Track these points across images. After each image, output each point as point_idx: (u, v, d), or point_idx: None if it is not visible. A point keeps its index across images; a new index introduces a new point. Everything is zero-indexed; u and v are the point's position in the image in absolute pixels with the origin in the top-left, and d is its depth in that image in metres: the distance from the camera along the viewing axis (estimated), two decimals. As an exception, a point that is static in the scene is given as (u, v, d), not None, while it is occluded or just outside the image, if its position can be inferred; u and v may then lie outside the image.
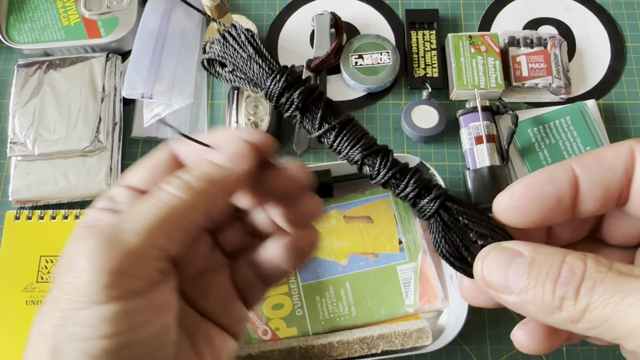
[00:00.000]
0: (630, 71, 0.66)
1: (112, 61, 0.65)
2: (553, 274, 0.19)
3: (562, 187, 0.22)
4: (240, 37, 0.24)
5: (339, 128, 0.24)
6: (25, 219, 0.59)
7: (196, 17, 0.67)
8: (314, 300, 0.54)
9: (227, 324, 0.27)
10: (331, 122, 0.24)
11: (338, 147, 0.25)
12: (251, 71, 0.24)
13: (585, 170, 0.22)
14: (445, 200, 0.24)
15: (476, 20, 0.69)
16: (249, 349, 0.50)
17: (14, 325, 0.55)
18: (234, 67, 0.24)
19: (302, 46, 0.68)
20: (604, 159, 0.22)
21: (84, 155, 0.61)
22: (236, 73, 0.25)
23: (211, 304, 0.27)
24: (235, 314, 0.27)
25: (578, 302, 0.18)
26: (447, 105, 0.64)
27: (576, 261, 0.19)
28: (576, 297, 0.18)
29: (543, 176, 0.22)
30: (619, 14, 0.68)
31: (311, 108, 0.24)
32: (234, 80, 0.25)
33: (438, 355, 0.54)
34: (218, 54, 0.25)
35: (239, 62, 0.24)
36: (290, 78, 0.23)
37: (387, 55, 0.64)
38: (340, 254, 0.56)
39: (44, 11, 0.67)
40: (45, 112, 0.62)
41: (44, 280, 0.57)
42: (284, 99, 0.24)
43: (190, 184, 0.23)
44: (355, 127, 0.24)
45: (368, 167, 0.25)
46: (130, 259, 0.22)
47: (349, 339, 0.49)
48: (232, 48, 0.24)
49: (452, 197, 0.24)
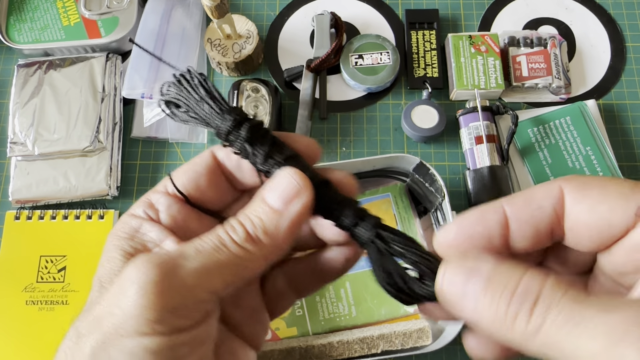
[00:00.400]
0: (630, 71, 0.66)
1: (112, 61, 0.65)
2: (509, 290, 0.19)
3: (492, 227, 0.22)
4: (193, 80, 0.26)
5: (284, 164, 0.25)
6: (25, 219, 0.59)
7: (196, 17, 0.67)
8: (314, 300, 0.54)
9: (251, 335, 0.27)
10: (276, 159, 0.24)
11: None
12: (203, 111, 0.25)
13: (515, 210, 0.22)
14: (380, 229, 0.24)
15: (476, 20, 0.69)
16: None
17: (14, 325, 0.55)
18: (188, 107, 0.26)
19: (302, 46, 0.68)
20: (534, 200, 0.22)
21: (84, 155, 0.61)
22: (190, 113, 0.26)
23: (241, 315, 0.27)
24: (260, 325, 0.27)
25: (531, 322, 0.18)
26: (447, 105, 0.64)
27: (534, 279, 0.19)
28: (530, 316, 0.18)
29: (474, 216, 0.23)
30: (619, 14, 0.68)
31: (257, 145, 0.25)
32: (187, 119, 0.26)
33: (438, 355, 0.54)
34: (173, 96, 0.26)
35: (191, 103, 0.25)
36: (238, 117, 0.25)
37: (387, 55, 0.64)
38: (340, 254, 0.56)
39: (44, 11, 0.67)
40: (45, 112, 0.62)
41: (44, 280, 0.57)
42: (233, 136, 0.25)
43: (251, 238, 0.23)
44: (301, 164, 0.25)
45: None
46: (183, 299, 0.21)
47: (349, 339, 0.49)
48: (185, 90, 0.26)
49: (386, 226, 0.25)
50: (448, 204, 0.52)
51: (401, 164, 0.56)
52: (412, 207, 0.58)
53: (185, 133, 0.63)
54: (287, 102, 0.65)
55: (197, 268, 0.22)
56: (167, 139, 0.63)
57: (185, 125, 0.63)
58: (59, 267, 0.58)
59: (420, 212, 0.58)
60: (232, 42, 0.63)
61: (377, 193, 0.58)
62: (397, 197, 0.58)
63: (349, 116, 0.64)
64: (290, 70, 0.65)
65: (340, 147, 0.63)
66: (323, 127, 0.64)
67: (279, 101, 0.62)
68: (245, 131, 0.24)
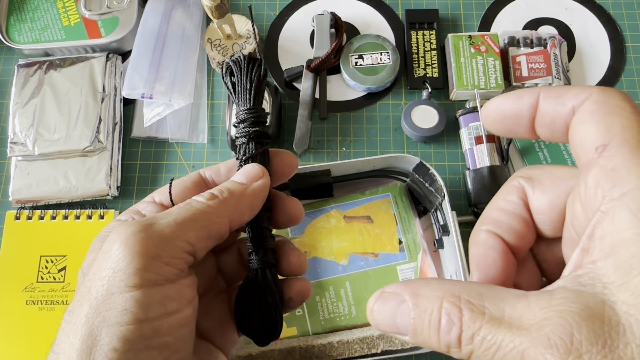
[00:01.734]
0: (630, 71, 0.66)
1: (112, 61, 0.65)
2: (434, 324, 0.20)
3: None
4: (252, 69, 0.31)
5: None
6: (26, 219, 0.60)
7: (196, 17, 0.67)
8: (314, 300, 0.54)
9: (220, 345, 0.29)
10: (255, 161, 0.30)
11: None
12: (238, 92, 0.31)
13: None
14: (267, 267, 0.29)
15: (476, 20, 0.69)
16: (249, 349, 0.50)
17: (14, 325, 0.55)
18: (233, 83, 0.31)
19: (302, 46, 0.68)
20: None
21: (84, 155, 0.61)
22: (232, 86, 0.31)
23: (210, 323, 0.29)
24: (228, 337, 0.30)
25: (462, 350, 0.19)
26: (447, 105, 0.64)
27: (452, 309, 0.19)
28: (459, 346, 0.19)
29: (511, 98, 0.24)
30: (619, 14, 0.68)
31: (251, 144, 0.30)
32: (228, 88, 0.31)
33: (438, 355, 0.54)
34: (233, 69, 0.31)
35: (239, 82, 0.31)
36: (254, 119, 0.30)
37: (387, 55, 0.64)
38: (340, 254, 0.56)
39: (44, 11, 0.67)
40: (46, 112, 0.62)
41: (44, 280, 0.57)
42: (242, 126, 0.30)
43: (215, 195, 0.27)
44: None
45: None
46: (163, 245, 0.24)
47: (349, 339, 0.49)
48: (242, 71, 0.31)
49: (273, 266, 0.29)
50: (448, 204, 0.52)
51: (401, 164, 0.56)
52: (412, 207, 0.58)
53: (185, 133, 0.63)
54: (287, 102, 0.65)
55: (170, 222, 0.25)
56: (167, 139, 0.63)
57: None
58: (59, 267, 0.58)
59: (420, 212, 0.58)
60: (232, 42, 0.63)
61: (377, 193, 0.58)
62: (397, 197, 0.58)
63: (349, 116, 0.64)
64: (290, 70, 0.65)
65: (340, 147, 0.63)
66: (323, 127, 0.64)
67: (279, 101, 0.62)
68: (252, 132, 0.30)
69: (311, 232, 0.57)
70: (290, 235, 0.57)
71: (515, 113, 0.23)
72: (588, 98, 0.21)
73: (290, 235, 0.57)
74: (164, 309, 0.23)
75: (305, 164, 0.57)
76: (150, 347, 0.23)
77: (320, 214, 0.57)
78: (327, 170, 0.55)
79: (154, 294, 0.23)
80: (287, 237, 0.56)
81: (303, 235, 0.57)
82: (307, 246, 0.56)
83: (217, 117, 0.65)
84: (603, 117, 0.20)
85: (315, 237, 0.56)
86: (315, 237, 0.56)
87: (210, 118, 0.65)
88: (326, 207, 0.58)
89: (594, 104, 0.20)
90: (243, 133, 0.30)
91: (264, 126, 0.30)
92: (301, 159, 0.63)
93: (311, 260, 0.56)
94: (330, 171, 0.55)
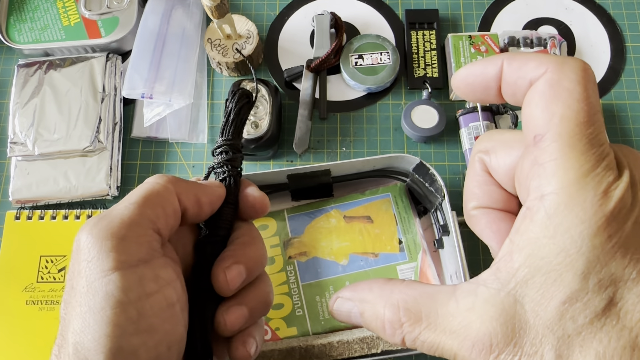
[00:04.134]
0: (630, 71, 0.66)
1: (112, 61, 0.65)
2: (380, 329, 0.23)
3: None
4: (236, 98, 0.35)
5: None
6: (26, 219, 0.60)
7: (196, 17, 0.67)
8: (314, 300, 0.54)
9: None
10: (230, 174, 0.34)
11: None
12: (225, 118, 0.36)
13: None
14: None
15: (476, 20, 0.69)
16: (249, 349, 0.50)
17: (14, 325, 0.55)
18: (227, 108, 0.36)
19: (302, 46, 0.68)
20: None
21: (84, 155, 0.61)
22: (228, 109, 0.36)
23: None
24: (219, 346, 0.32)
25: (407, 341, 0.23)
26: (447, 105, 0.64)
27: (393, 317, 0.23)
28: (404, 345, 0.23)
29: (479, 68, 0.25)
30: (619, 14, 0.68)
31: (224, 170, 0.34)
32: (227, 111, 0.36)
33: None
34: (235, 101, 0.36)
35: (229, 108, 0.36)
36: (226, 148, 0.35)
37: (387, 55, 0.64)
38: (340, 254, 0.56)
39: (44, 11, 0.67)
40: (46, 112, 0.62)
41: (44, 280, 0.57)
42: (218, 151, 0.35)
43: (163, 175, 0.29)
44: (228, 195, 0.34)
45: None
46: (126, 226, 0.25)
47: (349, 339, 0.49)
48: (234, 99, 0.35)
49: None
50: (448, 204, 0.52)
51: (401, 164, 0.56)
52: (412, 207, 0.58)
53: (185, 133, 0.63)
54: (287, 102, 0.65)
55: (127, 205, 0.26)
56: (167, 139, 0.63)
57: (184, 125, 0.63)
58: (59, 267, 0.58)
59: (420, 212, 0.58)
60: (232, 42, 0.63)
61: (377, 193, 0.58)
62: (397, 197, 0.58)
63: (349, 116, 0.64)
64: (290, 70, 0.65)
65: (340, 147, 0.63)
66: (323, 127, 0.64)
67: (279, 101, 0.62)
68: (225, 158, 0.34)
69: (311, 232, 0.57)
70: (290, 235, 0.57)
71: (482, 83, 0.24)
72: (543, 75, 0.21)
73: (290, 235, 0.57)
74: (142, 289, 0.24)
75: (305, 164, 0.57)
76: (139, 330, 0.24)
77: (320, 214, 0.57)
78: (327, 170, 0.55)
79: (130, 275, 0.24)
80: (288, 237, 0.57)
81: (303, 235, 0.57)
82: (307, 246, 0.56)
83: (217, 117, 0.65)
84: (548, 103, 0.20)
85: (315, 237, 0.56)
86: (315, 237, 0.56)
87: (210, 118, 0.65)
88: (326, 207, 0.58)
89: (545, 84, 0.21)
90: (219, 160, 0.34)
91: (235, 156, 0.34)
92: (301, 159, 0.63)
93: (311, 260, 0.56)
94: (330, 171, 0.55)
